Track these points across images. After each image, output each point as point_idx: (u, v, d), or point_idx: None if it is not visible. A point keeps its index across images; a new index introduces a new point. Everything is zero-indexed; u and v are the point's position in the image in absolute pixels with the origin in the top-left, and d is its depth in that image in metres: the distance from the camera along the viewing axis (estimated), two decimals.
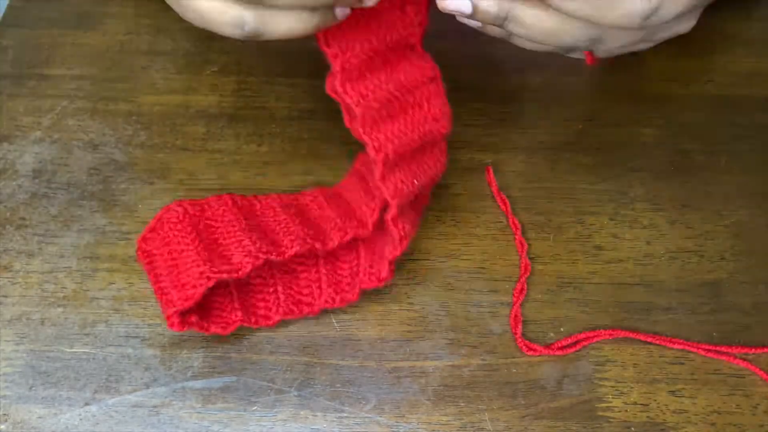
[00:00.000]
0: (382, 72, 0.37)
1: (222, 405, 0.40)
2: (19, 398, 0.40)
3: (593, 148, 0.48)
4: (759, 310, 0.43)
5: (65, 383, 0.40)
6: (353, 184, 0.43)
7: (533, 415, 0.40)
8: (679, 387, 0.41)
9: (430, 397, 0.40)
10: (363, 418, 0.40)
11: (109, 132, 0.48)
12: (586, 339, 0.42)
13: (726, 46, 0.51)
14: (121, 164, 0.47)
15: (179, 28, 0.51)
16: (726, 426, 0.40)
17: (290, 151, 0.48)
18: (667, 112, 0.49)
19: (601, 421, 0.40)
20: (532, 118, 0.49)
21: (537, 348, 0.41)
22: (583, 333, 0.42)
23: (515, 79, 0.50)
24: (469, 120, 0.49)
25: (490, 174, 0.47)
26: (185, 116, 0.49)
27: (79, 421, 0.40)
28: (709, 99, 0.50)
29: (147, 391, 0.40)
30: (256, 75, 0.50)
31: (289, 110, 0.49)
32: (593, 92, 0.50)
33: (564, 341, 0.41)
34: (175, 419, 0.40)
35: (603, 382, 0.41)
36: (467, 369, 0.41)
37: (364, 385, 0.41)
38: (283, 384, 0.41)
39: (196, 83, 0.50)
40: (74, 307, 0.42)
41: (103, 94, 0.49)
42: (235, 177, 0.47)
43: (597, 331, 0.42)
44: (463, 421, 0.40)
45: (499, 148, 0.48)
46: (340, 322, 0.42)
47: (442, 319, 0.42)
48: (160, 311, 0.39)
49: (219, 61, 0.51)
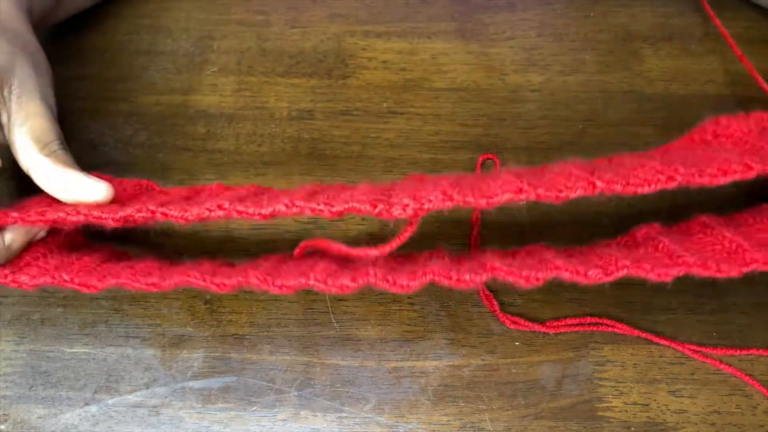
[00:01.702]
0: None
1: (222, 405, 0.40)
2: (19, 398, 0.40)
3: (593, 148, 0.48)
4: (759, 310, 0.43)
5: (65, 383, 0.40)
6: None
7: (533, 415, 0.40)
8: (679, 387, 0.41)
9: (430, 397, 0.40)
10: (363, 418, 0.40)
11: (109, 132, 0.48)
12: (579, 325, 0.42)
13: (727, 46, 0.51)
14: (121, 164, 0.47)
15: (179, 28, 0.51)
16: (726, 426, 0.40)
17: (290, 151, 0.48)
18: (667, 112, 0.49)
19: (601, 421, 0.40)
20: (532, 118, 0.49)
21: (521, 322, 0.41)
22: (577, 318, 0.42)
23: (515, 79, 0.50)
24: (469, 120, 0.49)
25: (497, 166, 0.47)
26: (185, 116, 0.49)
27: (79, 421, 0.40)
28: (709, 99, 0.50)
29: (147, 391, 0.40)
30: (256, 75, 0.50)
31: (289, 110, 0.49)
32: (593, 92, 0.50)
33: (557, 322, 0.42)
34: (175, 419, 0.40)
35: (603, 382, 0.41)
36: (467, 369, 0.41)
37: (364, 385, 0.41)
38: (283, 384, 0.41)
39: (196, 83, 0.50)
40: (74, 307, 0.42)
41: (103, 94, 0.49)
42: (235, 177, 0.47)
43: (591, 318, 0.42)
44: (463, 421, 0.40)
45: (499, 148, 0.48)
46: (340, 322, 0.42)
47: (442, 319, 0.42)
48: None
49: (219, 61, 0.51)
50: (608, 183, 0.31)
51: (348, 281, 0.32)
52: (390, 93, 0.50)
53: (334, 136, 0.48)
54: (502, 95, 0.50)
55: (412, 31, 0.52)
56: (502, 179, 0.32)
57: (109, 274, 0.35)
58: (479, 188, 0.32)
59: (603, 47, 0.52)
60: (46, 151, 0.37)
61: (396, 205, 0.32)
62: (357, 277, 0.32)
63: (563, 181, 0.31)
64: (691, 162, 0.33)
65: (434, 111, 0.49)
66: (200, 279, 0.33)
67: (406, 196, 0.32)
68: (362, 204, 0.33)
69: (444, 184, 0.33)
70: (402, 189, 0.34)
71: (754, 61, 0.51)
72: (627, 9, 0.53)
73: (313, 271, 0.33)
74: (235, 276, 0.33)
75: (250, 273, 0.33)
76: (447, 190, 0.32)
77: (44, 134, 0.38)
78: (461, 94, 0.50)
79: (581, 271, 0.32)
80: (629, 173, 0.31)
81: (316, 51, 0.51)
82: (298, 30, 0.52)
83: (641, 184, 0.31)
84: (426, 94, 0.50)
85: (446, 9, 0.53)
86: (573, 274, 0.32)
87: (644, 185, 0.31)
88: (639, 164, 0.32)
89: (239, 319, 0.42)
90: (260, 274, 0.33)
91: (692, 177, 0.31)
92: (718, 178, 0.32)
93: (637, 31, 0.52)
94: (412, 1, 0.53)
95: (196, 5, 0.52)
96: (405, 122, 0.49)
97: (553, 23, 0.53)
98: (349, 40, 0.52)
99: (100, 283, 0.35)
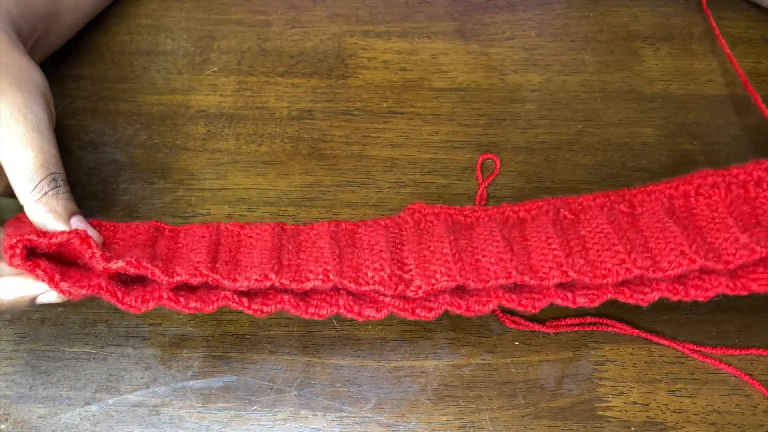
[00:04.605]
0: None
1: (222, 405, 0.40)
2: (20, 398, 0.40)
3: (593, 148, 0.48)
4: (758, 310, 0.43)
5: (65, 383, 0.40)
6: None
7: (533, 415, 0.40)
8: (679, 387, 0.41)
9: (430, 396, 0.40)
10: (363, 418, 0.40)
11: (109, 132, 0.48)
12: (579, 325, 0.42)
13: (727, 46, 0.51)
14: (121, 164, 0.47)
15: (179, 28, 0.51)
16: (726, 426, 0.40)
17: (290, 151, 0.48)
18: (667, 112, 0.49)
19: (601, 421, 0.40)
20: (532, 118, 0.49)
21: (520, 321, 0.41)
22: (577, 318, 0.42)
23: (515, 78, 0.50)
24: (469, 120, 0.49)
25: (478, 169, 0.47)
26: (185, 116, 0.49)
27: (80, 420, 0.40)
28: (709, 99, 0.50)
29: (147, 391, 0.40)
30: (256, 75, 0.50)
31: (289, 110, 0.49)
32: (593, 92, 0.50)
33: (557, 322, 0.42)
34: (175, 419, 0.40)
35: (603, 382, 0.41)
36: (467, 369, 0.41)
37: (364, 385, 0.41)
38: (283, 384, 0.41)
39: (196, 83, 0.50)
40: (74, 307, 0.42)
41: (103, 94, 0.49)
42: (235, 177, 0.47)
43: (591, 317, 0.42)
44: (463, 421, 0.40)
45: (499, 148, 0.48)
46: (340, 322, 0.42)
47: (442, 319, 0.42)
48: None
49: (219, 61, 0.51)
50: (579, 274, 0.36)
51: (373, 312, 0.37)
52: (390, 93, 0.50)
53: (334, 136, 0.48)
54: (502, 95, 0.50)
55: (412, 31, 0.52)
56: (493, 270, 0.37)
57: (152, 297, 0.36)
58: (476, 272, 0.37)
59: (603, 47, 0.52)
60: (36, 194, 0.36)
61: (411, 288, 0.37)
62: (381, 308, 0.37)
63: (543, 268, 0.37)
64: (693, 240, 0.37)
65: (434, 111, 0.49)
66: (239, 304, 0.36)
67: (419, 278, 0.37)
68: (383, 285, 0.37)
69: (445, 260, 0.37)
70: (416, 263, 0.38)
71: (754, 61, 0.51)
72: (627, 9, 0.53)
73: (341, 299, 0.37)
74: (273, 303, 0.36)
75: (285, 300, 0.36)
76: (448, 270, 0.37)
77: (36, 173, 0.36)
78: (461, 94, 0.50)
79: (569, 298, 0.37)
80: (605, 263, 0.37)
81: (316, 51, 0.51)
82: (298, 30, 0.52)
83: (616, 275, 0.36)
84: (426, 94, 0.50)
85: (446, 9, 0.53)
86: (564, 301, 0.37)
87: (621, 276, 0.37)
88: (620, 258, 0.37)
89: (239, 319, 0.42)
90: (294, 301, 0.37)
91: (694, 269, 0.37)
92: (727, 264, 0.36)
93: (637, 31, 0.52)
94: (412, 1, 0.53)
95: (196, 5, 0.52)
96: (405, 122, 0.49)
97: (553, 23, 0.53)
98: (349, 40, 0.52)
99: (144, 306, 0.36)
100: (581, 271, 0.36)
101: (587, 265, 0.37)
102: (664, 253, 0.37)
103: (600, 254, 0.37)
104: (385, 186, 0.47)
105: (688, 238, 0.37)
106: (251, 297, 0.37)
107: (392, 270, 0.37)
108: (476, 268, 0.37)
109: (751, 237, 0.36)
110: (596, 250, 0.37)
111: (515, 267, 0.37)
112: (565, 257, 0.37)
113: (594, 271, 0.36)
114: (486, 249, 0.38)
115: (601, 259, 0.37)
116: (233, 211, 0.45)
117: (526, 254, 0.38)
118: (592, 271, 0.36)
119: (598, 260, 0.37)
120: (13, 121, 0.36)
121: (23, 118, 0.36)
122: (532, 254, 0.38)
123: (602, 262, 0.37)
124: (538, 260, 0.37)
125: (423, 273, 0.37)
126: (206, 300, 0.36)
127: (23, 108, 0.36)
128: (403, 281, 0.37)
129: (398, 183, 0.47)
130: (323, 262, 0.37)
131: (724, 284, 0.37)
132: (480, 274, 0.37)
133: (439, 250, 0.38)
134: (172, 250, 0.38)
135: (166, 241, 0.39)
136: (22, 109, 0.36)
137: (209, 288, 0.37)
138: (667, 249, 0.37)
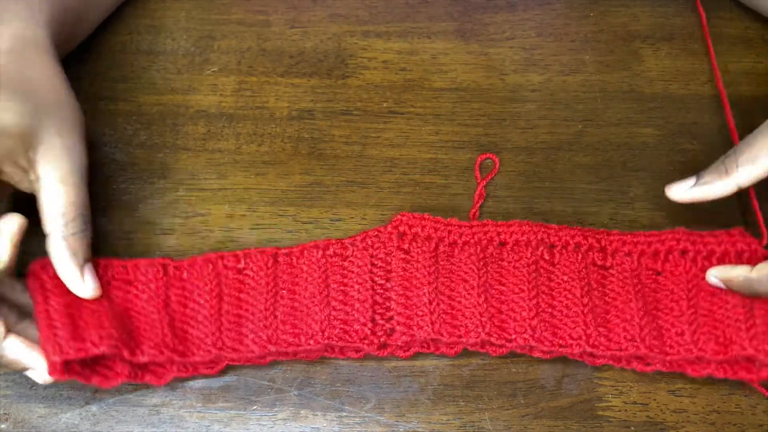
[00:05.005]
0: None
1: (222, 404, 0.40)
2: (20, 397, 0.40)
3: (593, 148, 0.48)
4: None
5: (66, 382, 0.40)
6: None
7: (533, 415, 0.40)
8: (679, 387, 0.41)
9: (430, 396, 0.40)
10: (363, 417, 0.40)
11: (109, 132, 0.48)
12: None
13: (726, 46, 0.51)
14: (121, 164, 0.47)
15: (179, 28, 0.51)
16: (725, 426, 0.40)
17: (290, 151, 0.48)
18: (667, 112, 0.49)
19: (601, 421, 0.40)
20: (532, 118, 0.49)
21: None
22: None
23: (515, 78, 0.50)
24: (469, 120, 0.49)
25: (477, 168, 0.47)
26: (185, 116, 0.49)
27: (80, 420, 0.40)
28: (709, 99, 0.50)
29: (147, 391, 0.40)
30: (256, 75, 0.50)
31: (289, 110, 0.49)
32: (593, 92, 0.50)
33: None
34: (176, 418, 0.40)
35: (603, 382, 0.41)
36: (467, 369, 0.41)
37: (365, 385, 0.41)
38: (283, 383, 0.41)
39: (196, 83, 0.50)
40: None
41: (103, 94, 0.49)
42: (235, 177, 0.47)
43: None
44: (463, 421, 0.40)
45: (499, 148, 0.48)
46: None
47: None
48: None
49: (219, 61, 0.51)
50: (539, 342, 0.40)
51: (400, 352, 0.41)
52: (390, 93, 0.50)
53: (334, 135, 0.48)
54: (501, 95, 0.50)
55: (412, 31, 0.52)
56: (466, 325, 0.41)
57: (171, 371, 0.40)
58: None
59: (603, 47, 0.52)
60: (66, 230, 0.38)
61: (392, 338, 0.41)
62: (410, 346, 0.41)
63: (510, 328, 0.40)
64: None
65: (434, 111, 0.49)
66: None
67: (400, 329, 0.40)
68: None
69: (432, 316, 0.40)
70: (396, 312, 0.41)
71: (753, 61, 0.51)
72: (627, 9, 0.53)
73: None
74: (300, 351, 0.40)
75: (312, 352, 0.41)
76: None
77: (68, 209, 0.38)
78: (461, 93, 0.50)
79: (527, 350, 0.41)
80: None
81: (316, 51, 0.51)
82: (298, 30, 0.52)
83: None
84: (426, 94, 0.50)
85: (446, 9, 0.53)
86: (521, 350, 0.41)
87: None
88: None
89: None
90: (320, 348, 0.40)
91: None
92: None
93: (636, 31, 0.52)
94: (412, 1, 0.53)
95: (197, 5, 0.52)
96: (405, 122, 0.49)
97: (553, 23, 0.53)
98: (349, 40, 0.52)
99: (163, 380, 0.40)
100: (541, 338, 0.40)
101: (548, 332, 0.40)
102: (618, 331, 0.40)
103: (563, 321, 0.40)
104: (385, 186, 0.47)
105: (641, 319, 0.40)
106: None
107: (373, 325, 0.40)
108: (451, 323, 0.40)
109: (693, 334, 0.39)
110: (560, 318, 0.40)
111: (484, 328, 0.40)
112: (531, 319, 0.40)
113: (552, 339, 0.40)
114: (462, 298, 0.41)
115: (563, 325, 0.40)
116: (233, 211, 0.45)
117: (497, 310, 0.41)
118: (550, 339, 0.40)
119: (560, 325, 0.40)
120: (64, 158, 0.38)
121: (69, 158, 0.39)
122: (504, 311, 0.41)
123: (563, 329, 0.40)
124: (508, 320, 0.40)
125: (404, 322, 0.40)
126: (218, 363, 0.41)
127: (70, 148, 0.39)
128: (385, 332, 0.40)
129: (398, 183, 0.47)
130: (315, 325, 0.40)
131: (661, 364, 0.40)
132: (454, 328, 0.40)
133: (419, 300, 0.41)
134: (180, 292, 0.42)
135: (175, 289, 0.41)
136: (71, 148, 0.39)
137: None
138: (621, 330, 0.40)
